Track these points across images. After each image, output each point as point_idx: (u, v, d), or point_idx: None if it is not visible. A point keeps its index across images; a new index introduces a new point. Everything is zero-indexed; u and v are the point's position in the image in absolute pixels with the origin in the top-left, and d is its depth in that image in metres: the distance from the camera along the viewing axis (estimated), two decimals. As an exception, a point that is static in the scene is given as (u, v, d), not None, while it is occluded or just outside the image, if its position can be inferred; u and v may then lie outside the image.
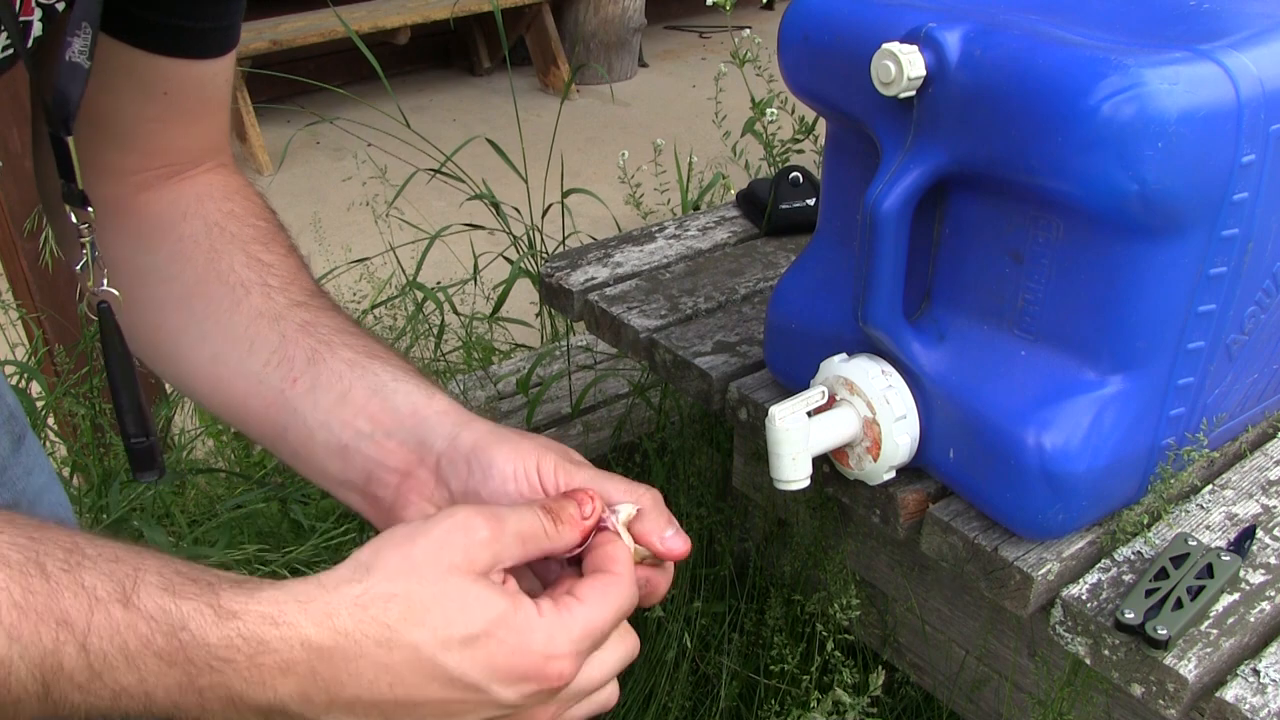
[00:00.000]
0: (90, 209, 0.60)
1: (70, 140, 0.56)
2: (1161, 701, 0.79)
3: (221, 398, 0.64)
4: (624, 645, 0.54)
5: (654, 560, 0.58)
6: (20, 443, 0.72)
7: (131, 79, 0.61)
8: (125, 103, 0.62)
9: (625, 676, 1.42)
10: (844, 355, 0.93)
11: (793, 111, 1.69)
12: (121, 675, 0.42)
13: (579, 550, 0.55)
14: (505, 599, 0.48)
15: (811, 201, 1.46)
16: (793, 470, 0.87)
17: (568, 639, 0.49)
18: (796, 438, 0.86)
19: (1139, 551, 0.89)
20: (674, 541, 0.56)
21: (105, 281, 0.62)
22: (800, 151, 1.80)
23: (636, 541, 0.56)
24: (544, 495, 0.56)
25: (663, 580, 0.58)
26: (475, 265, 2.12)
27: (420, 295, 1.94)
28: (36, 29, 0.54)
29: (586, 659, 0.50)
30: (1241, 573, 0.86)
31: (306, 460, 0.62)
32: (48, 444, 1.61)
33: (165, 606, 0.43)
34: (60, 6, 0.55)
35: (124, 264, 0.65)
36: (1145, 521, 0.90)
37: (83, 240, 0.60)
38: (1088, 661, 0.84)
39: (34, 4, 0.53)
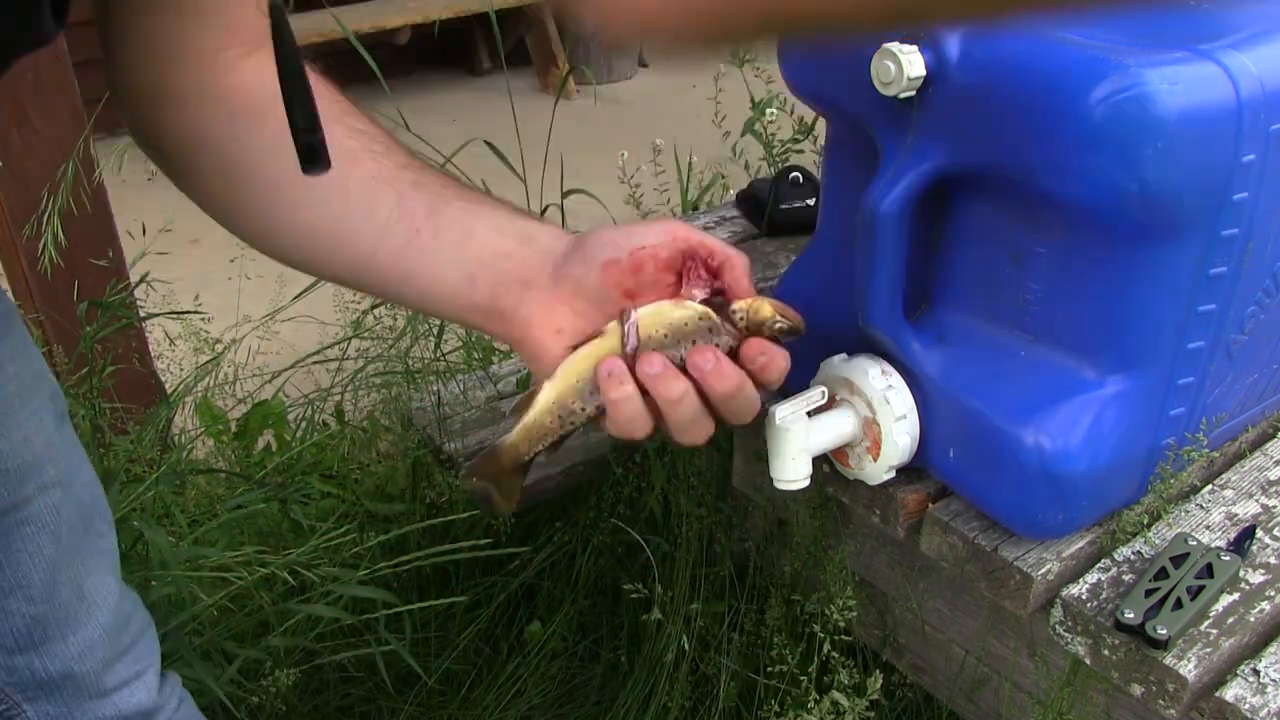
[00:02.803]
0: None
1: None
2: (1161, 701, 0.79)
3: (345, 257, 0.70)
4: None
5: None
6: (62, 421, 0.74)
7: None
8: None
9: (625, 676, 1.42)
10: (844, 355, 0.93)
11: (792, 112, 1.69)
12: None
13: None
14: None
15: (811, 201, 1.46)
16: (793, 470, 0.86)
17: None
18: (796, 438, 0.86)
19: (1139, 551, 0.89)
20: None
21: None
22: (800, 151, 1.79)
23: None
24: (657, 246, 0.65)
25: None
26: (475, 265, 2.12)
27: (420, 295, 1.93)
28: None
29: None
30: (1241, 573, 0.86)
31: (433, 296, 0.69)
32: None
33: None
34: None
35: (228, 145, 0.68)
36: (1145, 521, 0.90)
37: None
38: (1088, 661, 0.84)
39: None
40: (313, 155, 0.71)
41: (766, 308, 0.65)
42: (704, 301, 0.65)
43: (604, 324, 0.66)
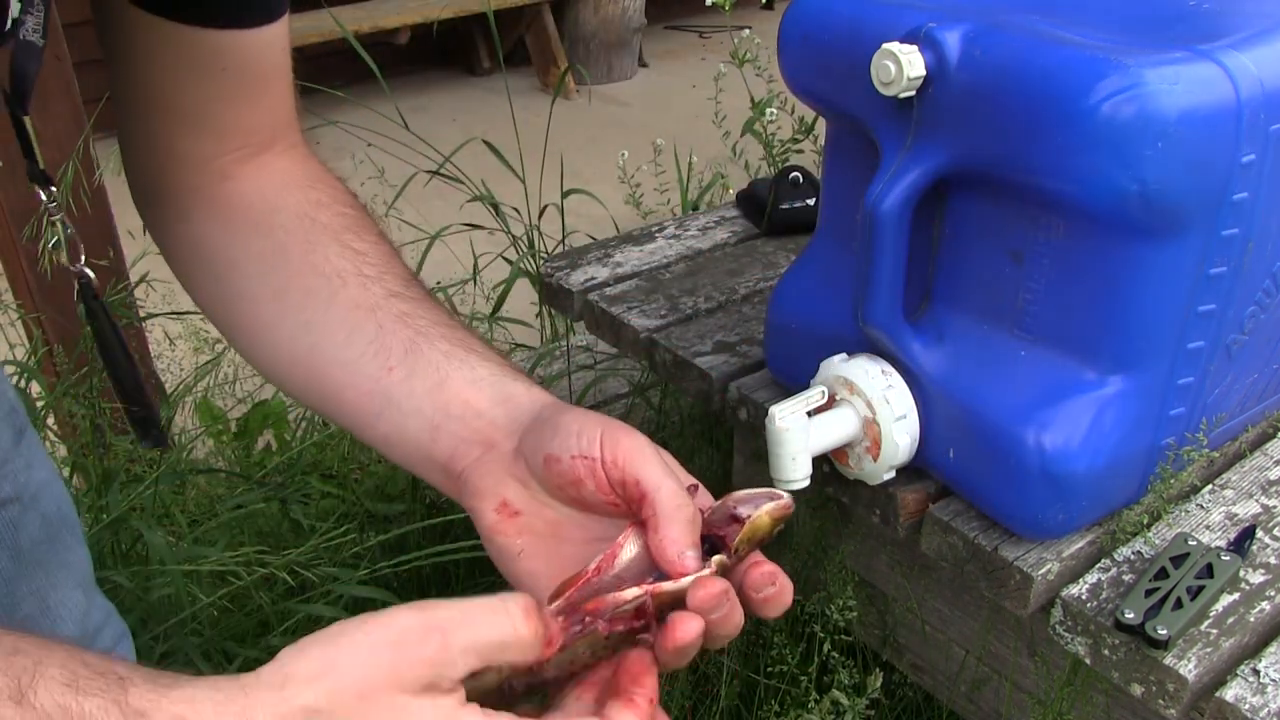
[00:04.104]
0: (54, 189, 0.60)
1: (28, 120, 0.57)
2: (1161, 701, 0.79)
3: (317, 387, 0.64)
4: None
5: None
6: (21, 436, 0.73)
7: (188, 59, 0.61)
8: (187, 85, 0.62)
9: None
10: (844, 355, 0.93)
11: (793, 111, 1.69)
12: None
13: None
14: (442, 716, 0.43)
15: (811, 201, 1.46)
16: (793, 470, 0.87)
17: None
18: (796, 438, 0.86)
19: (1139, 551, 0.89)
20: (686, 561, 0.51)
21: (82, 259, 0.62)
22: (800, 151, 1.79)
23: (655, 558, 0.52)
24: (599, 460, 0.54)
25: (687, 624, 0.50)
26: (475, 265, 2.12)
27: (420, 295, 1.93)
28: (14, 9, 0.53)
29: None
30: (1241, 573, 0.86)
31: (397, 444, 0.62)
32: (48, 444, 1.61)
33: (65, 703, 0.39)
34: None
35: (217, 255, 0.66)
36: (1145, 521, 0.90)
37: (52, 219, 0.61)
38: (1088, 661, 0.84)
39: None
40: (144, 429, 0.68)
41: (764, 520, 0.54)
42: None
43: (560, 528, 0.57)
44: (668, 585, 0.51)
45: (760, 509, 0.54)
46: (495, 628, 0.45)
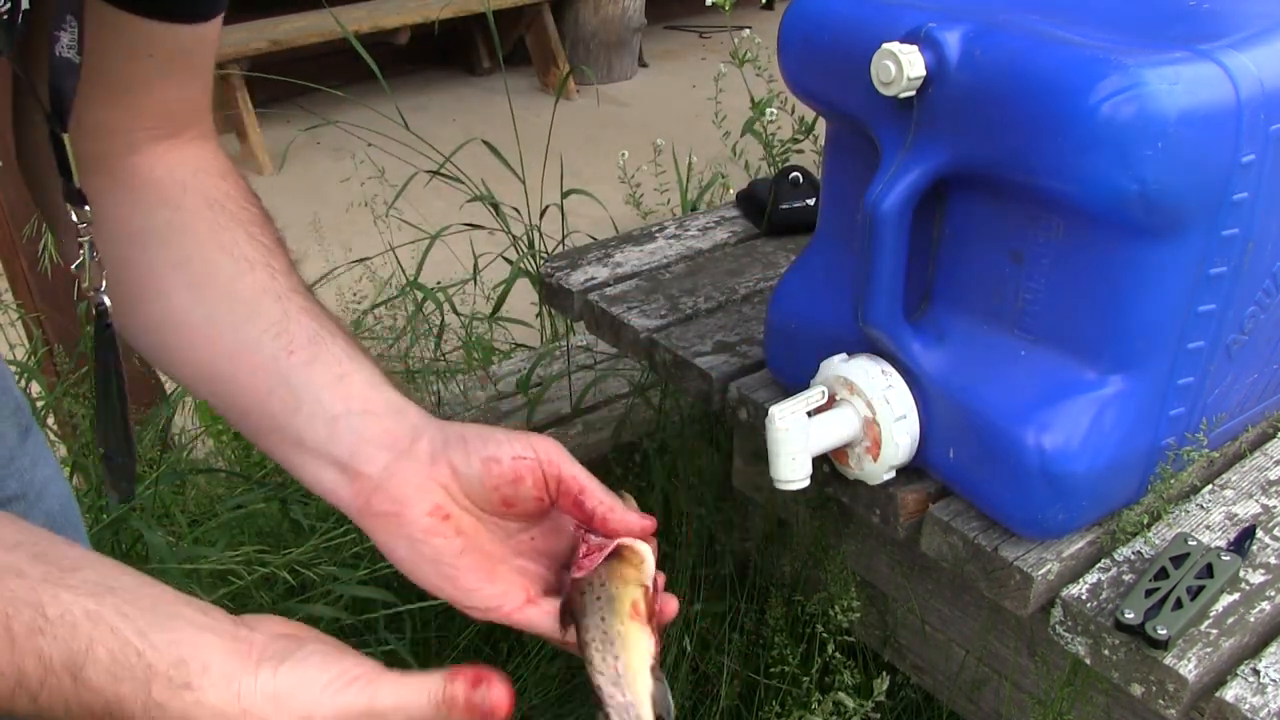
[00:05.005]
0: (88, 208, 0.60)
1: (66, 137, 0.57)
2: (1161, 701, 0.79)
3: (204, 355, 0.63)
4: None
5: None
6: (27, 434, 0.73)
7: (118, 40, 0.60)
8: (112, 63, 0.61)
9: (625, 676, 1.42)
10: (844, 355, 0.93)
11: (793, 111, 1.69)
12: None
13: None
14: None
15: (811, 201, 1.46)
16: (793, 470, 0.87)
17: None
18: (796, 438, 0.86)
19: (1139, 551, 0.89)
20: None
21: (104, 284, 0.62)
22: (800, 151, 1.79)
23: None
24: (537, 460, 0.59)
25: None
26: (475, 265, 2.12)
27: (420, 295, 1.94)
28: (24, 2, 0.53)
29: None
30: (1241, 573, 0.86)
31: (284, 428, 0.61)
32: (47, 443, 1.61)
33: (104, 687, 0.46)
34: None
35: (119, 225, 0.65)
36: (1145, 521, 0.90)
37: (80, 240, 0.60)
38: (1088, 661, 0.84)
39: None
40: (115, 476, 0.69)
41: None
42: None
43: (498, 519, 0.62)
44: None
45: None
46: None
